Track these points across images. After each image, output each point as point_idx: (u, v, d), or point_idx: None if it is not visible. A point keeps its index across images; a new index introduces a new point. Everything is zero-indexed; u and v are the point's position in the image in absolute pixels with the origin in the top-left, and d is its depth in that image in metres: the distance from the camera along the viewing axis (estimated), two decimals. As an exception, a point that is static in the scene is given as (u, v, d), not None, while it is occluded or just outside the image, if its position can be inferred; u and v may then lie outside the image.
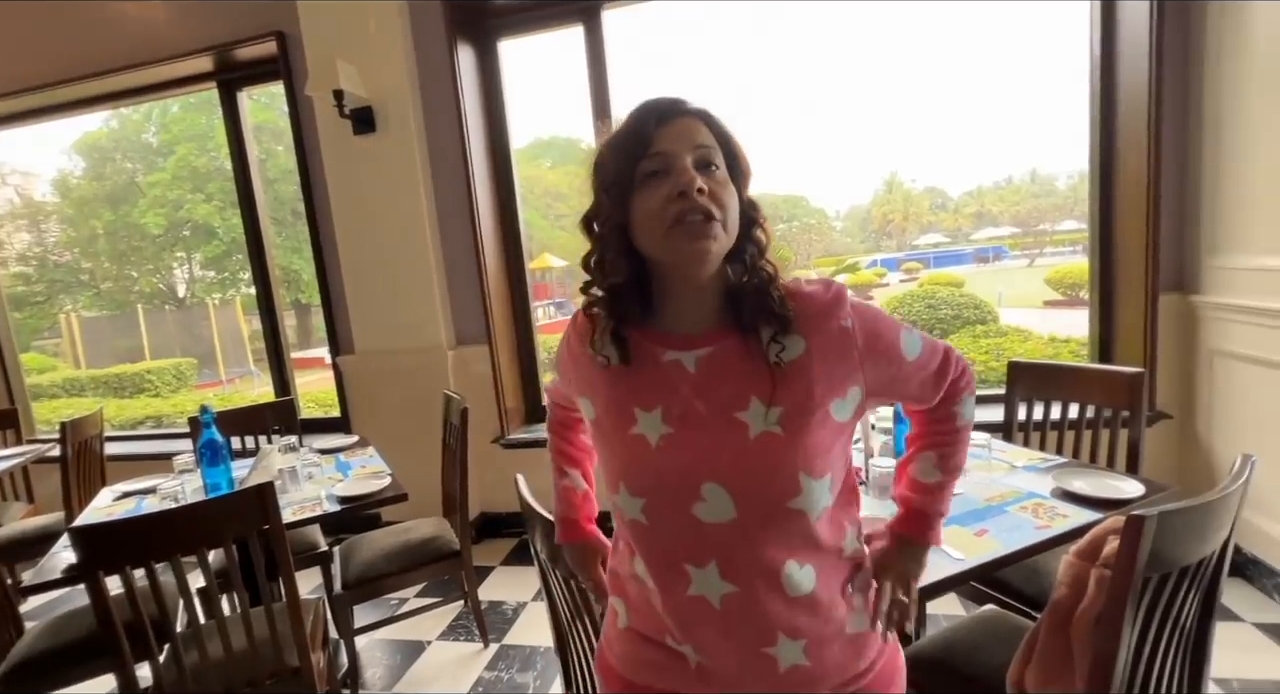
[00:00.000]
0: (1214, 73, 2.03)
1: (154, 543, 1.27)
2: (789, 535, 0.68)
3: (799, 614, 0.69)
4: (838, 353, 0.68)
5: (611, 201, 0.69)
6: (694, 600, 0.68)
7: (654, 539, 0.71)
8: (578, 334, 0.78)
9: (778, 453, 0.66)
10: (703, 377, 0.69)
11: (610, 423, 0.72)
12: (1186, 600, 0.94)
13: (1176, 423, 2.27)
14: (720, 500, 0.66)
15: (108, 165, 13.53)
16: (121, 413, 5.08)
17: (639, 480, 0.70)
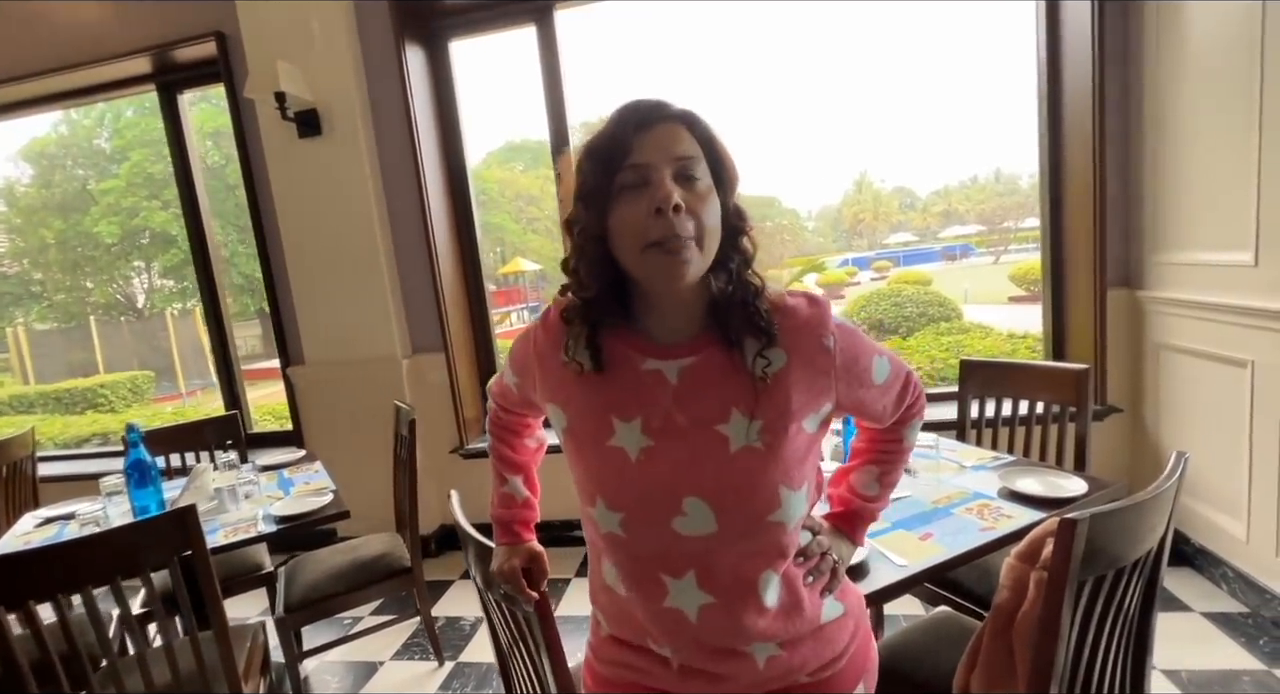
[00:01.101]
0: (1153, 72, 2.07)
1: (62, 575, 1.18)
2: (766, 547, 0.69)
3: (773, 622, 0.71)
4: (817, 369, 0.69)
5: (589, 211, 0.66)
6: (670, 611, 0.69)
7: (631, 551, 0.70)
8: (549, 337, 0.74)
9: (759, 468, 0.66)
10: (684, 388, 0.68)
11: (586, 433, 0.70)
12: (1126, 596, 0.94)
13: (1127, 416, 2.31)
14: (701, 514, 0.66)
15: (57, 172, 13.05)
16: (67, 430, 4.86)
17: (618, 495, 0.69)
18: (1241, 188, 1.74)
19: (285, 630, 1.78)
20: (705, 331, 0.70)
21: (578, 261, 0.69)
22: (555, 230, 2.69)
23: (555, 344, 0.72)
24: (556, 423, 0.75)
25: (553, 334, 0.74)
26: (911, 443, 0.87)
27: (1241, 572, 1.89)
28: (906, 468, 1.43)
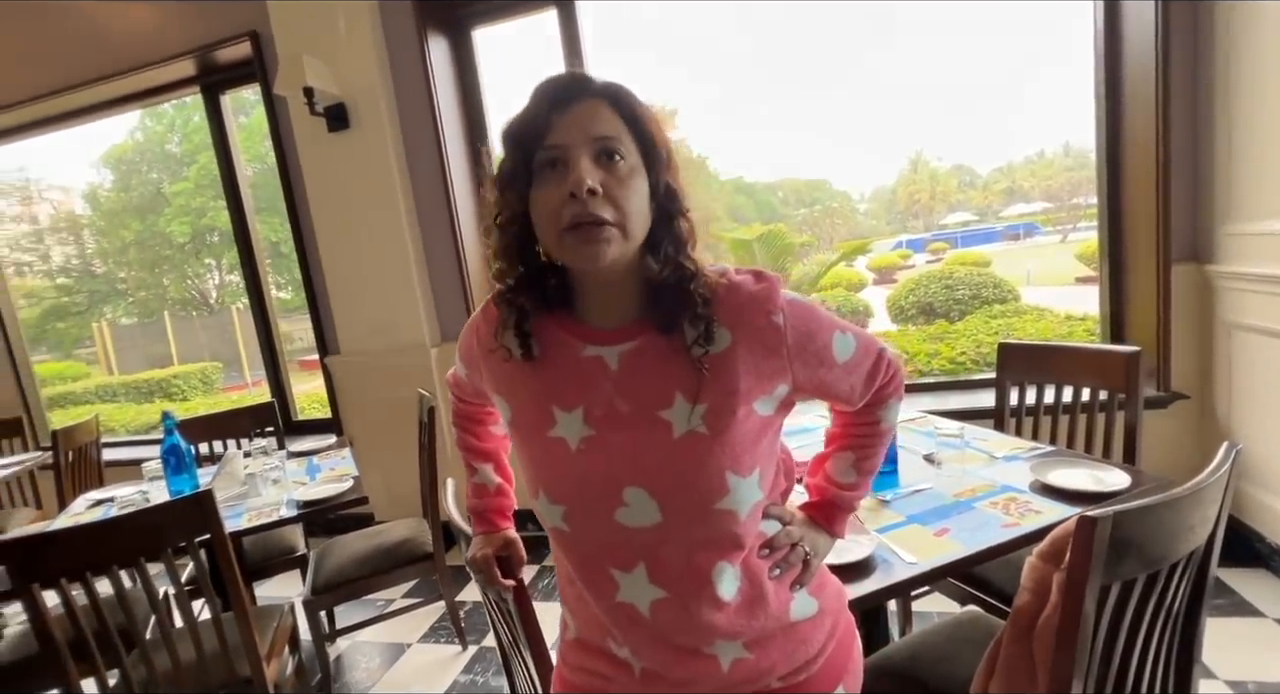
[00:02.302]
0: (1225, 28, 1.86)
1: (88, 555, 1.24)
2: (718, 537, 0.65)
3: (733, 618, 0.67)
4: (766, 348, 0.64)
5: (508, 194, 0.65)
6: (623, 606, 0.66)
7: (577, 545, 0.68)
8: (488, 325, 0.72)
9: (703, 453, 0.63)
10: (625, 373, 0.65)
11: (528, 423, 0.68)
12: (1167, 599, 0.84)
13: (1194, 403, 2.11)
14: (643, 505, 0.63)
15: (134, 176, 13.93)
16: (139, 417, 5.20)
17: (559, 487, 0.67)
18: (1328, 146, 1.55)
19: (312, 611, 1.84)
20: (644, 315, 0.67)
21: (499, 246, 0.67)
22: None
23: (495, 333, 0.70)
24: (503, 414, 0.73)
25: (491, 322, 0.71)
26: (890, 424, 0.81)
27: (1324, 575, 1.70)
28: (930, 457, 1.35)
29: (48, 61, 3.17)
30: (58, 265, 14.07)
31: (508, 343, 0.68)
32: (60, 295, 13.29)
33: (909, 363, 3.22)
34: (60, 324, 13.10)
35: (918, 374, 3.14)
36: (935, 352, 3.24)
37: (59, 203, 14.69)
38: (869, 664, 1.18)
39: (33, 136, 3.66)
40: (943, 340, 3.41)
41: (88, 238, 14.63)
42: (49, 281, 13.53)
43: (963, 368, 3.10)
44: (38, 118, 3.46)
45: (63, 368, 10.12)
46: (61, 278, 13.71)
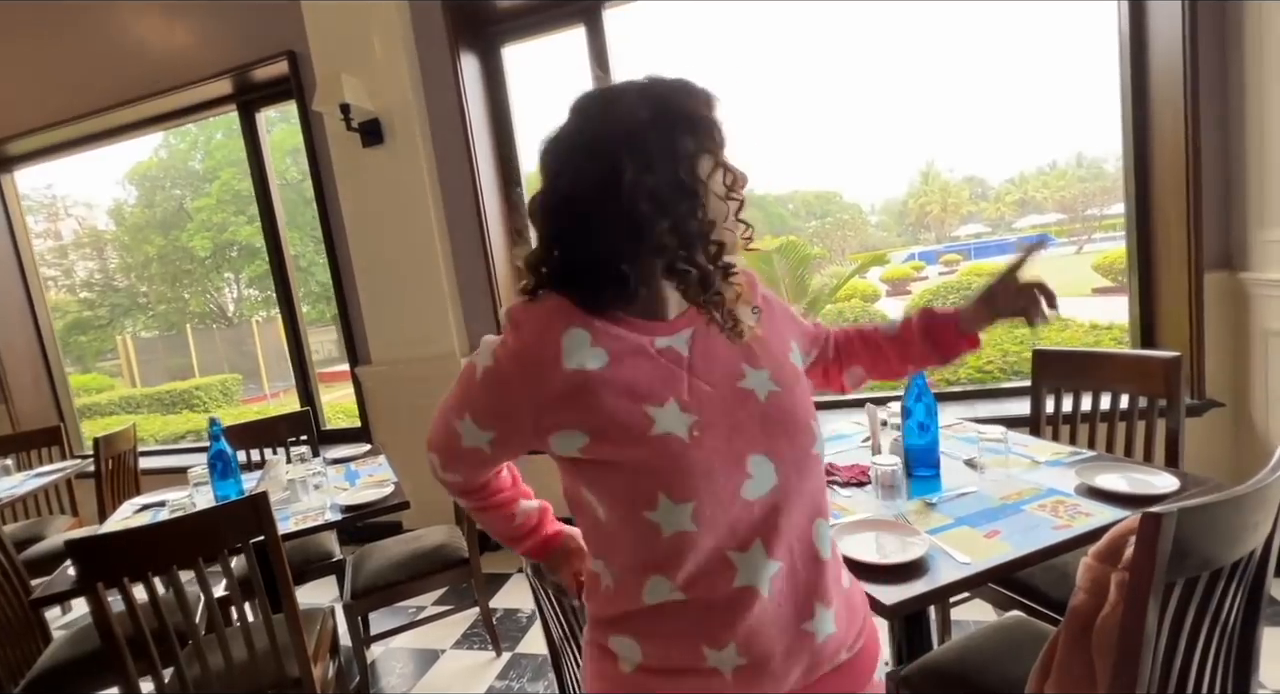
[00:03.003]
0: (1255, 28, 1.87)
1: (150, 555, 1.28)
2: (816, 488, 0.70)
3: (826, 576, 0.70)
4: (769, 318, 0.76)
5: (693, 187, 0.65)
6: (738, 593, 0.65)
7: (701, 541, 0.63)
8: (536, 352, 0.64)
9: (789, 407, 0.69)
10: (697, 357, 0.69)
11: (620, 436, 0.63)
12: (1225, 604, 0.85)
13: (1229, 412, 2.10)
14: (764, 471, 0.66)
15: (158, 193, 14.26)
16: (165, 428, 5.28)
17: (684, 483, 0.62)
18: (1364, 153, 1.55)
19: (352, 616, 1.86)
20: (690, 305, 0.71)
21: (601, 243, 0.65)
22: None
23: (547, 360, 0.64)
24: (568, 447, 0.65)
25: (538, 349, 0.65)
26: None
27: (1371, 584, 1.68)
28: (971, 462, 1.37)
29: (87, 83, 3.29)
30: (81, 280, 14.38)
31: (581, 360, 0.63)
32: (83, 309, 13.57)
33: (934, 372, 3.22)
34: (83, 337, 13.36)
35: (945, 383, 3.14)
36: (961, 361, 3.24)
37: (83, 219, 15.05)
38: (915, 668, 1.19)
39: (67, 155, 3.78)
40: (967, 349, 3.40)
41: (111, 253, 14.95)
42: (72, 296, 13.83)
43: (990, 376, 3.10)
44: (74, 137, 3.58)
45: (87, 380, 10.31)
46: (84, 292, 14.01)
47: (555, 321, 0.65)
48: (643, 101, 0.64)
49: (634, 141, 0.62)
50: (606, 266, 0.64)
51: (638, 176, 0.61)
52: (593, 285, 0.65)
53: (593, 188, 0.63)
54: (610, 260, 0.64)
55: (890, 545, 1.05)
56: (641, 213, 0.62)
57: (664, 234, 0.63)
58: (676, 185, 0.62)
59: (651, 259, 0.65)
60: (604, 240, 0.64)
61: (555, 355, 0.64)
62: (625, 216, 0.62)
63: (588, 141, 0.64)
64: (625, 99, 0.64)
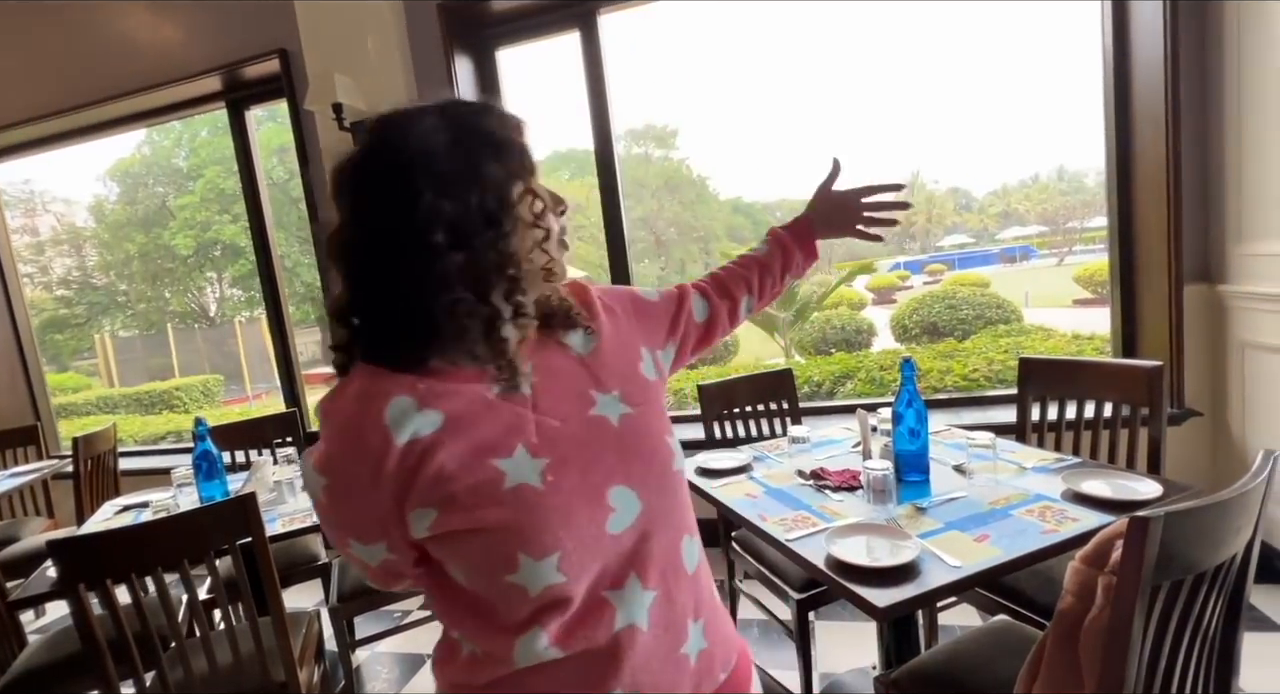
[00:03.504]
0: (1234, 47, 1.93)
1: (134, 556, 1.26)
2: (679, 506, 0.68)
3: (696, 592, 0.68)
4: (614, 327, 0.72)
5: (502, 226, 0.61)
6: (622, 635, 0.61)
7: (573, 588, 0.59)
8: (373, 438, 0.56)
9: (643, 428, 0.67)
10: (541, 393, 0.63)
11: (472, 500, 0.57)
12: (1207, 609, 0.87)
13: (1207, 420, 2.15)
14: (627, 501, 0.62)
15: (140, 190, 14.05)
16: (145, 428, 5.19)
17: (542, 536, 0.57)
18: (1337, 171, 1.61)
19: (338, 619, 1.84)
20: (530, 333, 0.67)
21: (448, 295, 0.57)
22: (600, 237, 2.75)
23: (374, 446, 0.56)
24: (419, 528, 0.58)
25: (359, 438, 0.57)
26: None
27: (1343, 590, 1.72)
28: (959, 467, 1.39)
29: (70, 78, 3.24)
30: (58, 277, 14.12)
31: (414, 429, 0.57)
32: (59, 307, 13.32)
33: (922, 379, 3.25)
34: (59, 336, 13.11)
35: (932, 390, 3.18)
36: (948, 369, 3.29)
37: (62, 215, 14.79)
38: (904, 672, 1.20)
39: (47, 150, 3.71)
40: (953, 357, 3.46)
41: (89, 250, 14.70)
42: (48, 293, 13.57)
43: (975, 385, 3.14)
44: (54, 132, 3.53)
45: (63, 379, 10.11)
46: (61, 289, 13.76)
47: (370, 401, 0.57)
48: (442, 123, 0.59)
49: (432, 165, 0.57)
50: (414, 311, 0.57)
51: (435, 203, 0.56)
52: (405, 338, 0.58)
53: (389, 218, 0.57)
54: (417, 302, 0.57)
55: (881, 549, 1.07)
56: (436, 243, 0.56)
57: (455, 268, 0.57)
58: (480, 213, 0.57)
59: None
60: (405, 278, 0.57)
61: (383, 436, 0.56)
62: (423, 249, 0.56)
63: (382, 167, 0.58)
64: (424, 121, 0.59)
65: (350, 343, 0.60)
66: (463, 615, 0.63)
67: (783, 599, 1.59)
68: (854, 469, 1.43)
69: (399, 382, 0.58)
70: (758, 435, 2.04)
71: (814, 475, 1.44)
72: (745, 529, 1.33)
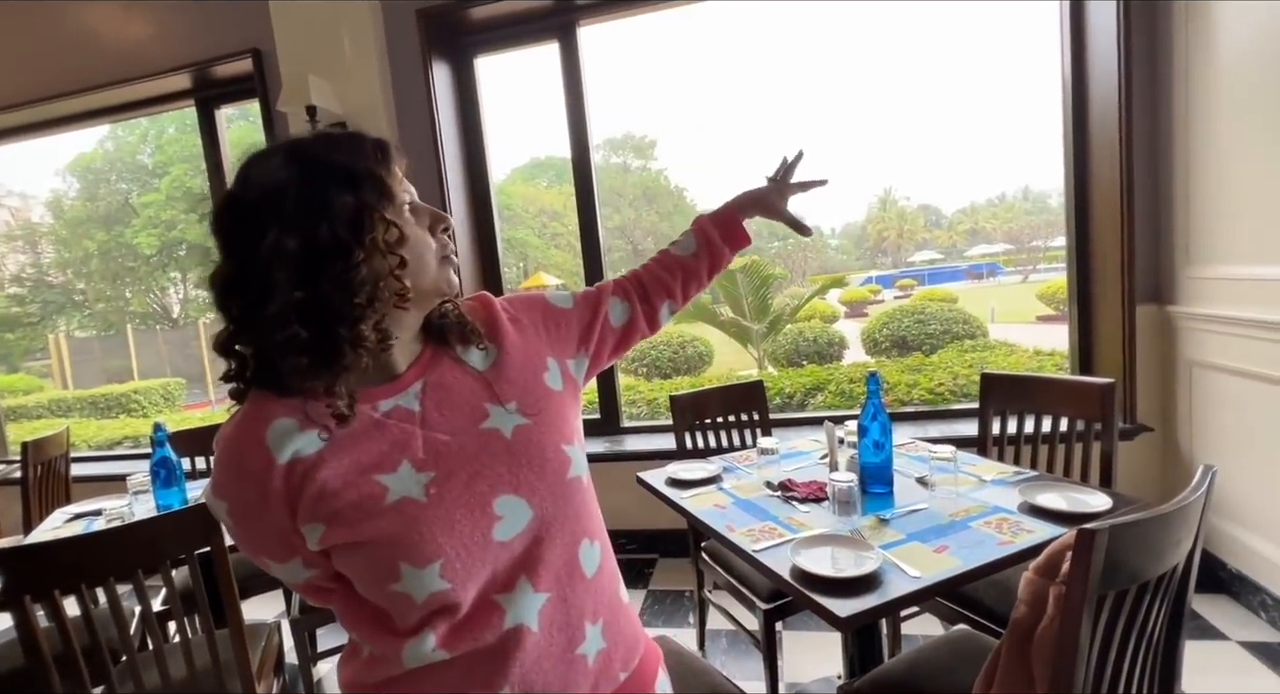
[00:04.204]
0: (1183, 84, 2.04)
1: (84, 567, 1.21)
2: (579, 513, 0.70)
3: (595, 594, 0.70)
4: (520, 338, 0.75)
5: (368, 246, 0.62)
6: (510, 634, 0.63)
7: (461, 592, 0.61)
8: (256, 459, 0.59)
9: (539, 438, 0.68)
10: (431, 409, 0.66)
11: (355, 515, 0.60)
12: (1151, 616, 0.90)
13: (1158, 436, 2.23)
14: (516, 509, 0.65)
15: (101, 186, 13.62)
16: (100, 433, 5.01)
17: (426, 545, 0.60)
18: (1277, 198, 1.70)
19: (299, 631, 1.80)
20: (425, 350, 0.70)
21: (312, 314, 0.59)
22: (578, 245, 2.75)
23: (259, 467, 0.60)
24: (312, 542, 0.61)
25: (243, 461, 0.60)
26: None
27: (1281, 599, 1.80)
28: (922, 480, 1.42)
29: (31, 69, 3.14)
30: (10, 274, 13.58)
31: (296, 448, 0.60)
32: (11, 305, 12.80)
33: (890, 392, 3.32)
34: (9, 335, 12.60)
35: (898, 403, 3.24)
36: (914, 382, 3.36)
37: (17, 210, 14.25)
38: (866, 681, 1.22)
39: (4, 144, 3.59)
40: (920, 371, 3.54)
41: (46, 247, 14.18)
42: (-1, 291, 13.04)
43: (941, 399, 3.22)
44: (11, 125, 3.41)
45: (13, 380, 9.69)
46: (14, 287, 13.23)
47: (253, 423, 0.61)
48: (290, 159, 0.61)
49: (277, 203, 0.59)
50: (263, 347, 0.60)
51: (279, 239, 0.58)
52: (290, 359, 0.59)
53: (239, 256, 0.60)
54: (262, 338, 0.60)
55: (844, 560, 1.09)
56: (277, 281, 0.58)
57: (293, 304, 0.58)
58: (327, 246, 0.58)
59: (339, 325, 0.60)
60: (247, 315, 0.60)
61: (264, 456, 0.60)
62: (266, 287, 0.58)
63: (235, 207, 0.61)
64: (273, 159, 0.61)
65: (240, 372, 0.63)
66: (361, 620, 0.65)
67: (750, 610, 1.60)
68: (821, 481, 1.45)
69: (285, 405, 0.61)
70: (729, 446, 2.06)
71: (782, 487, 1.46)
72: (713, 540, 1.34)
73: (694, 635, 2.05)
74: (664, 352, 5.90)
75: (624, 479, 1.79)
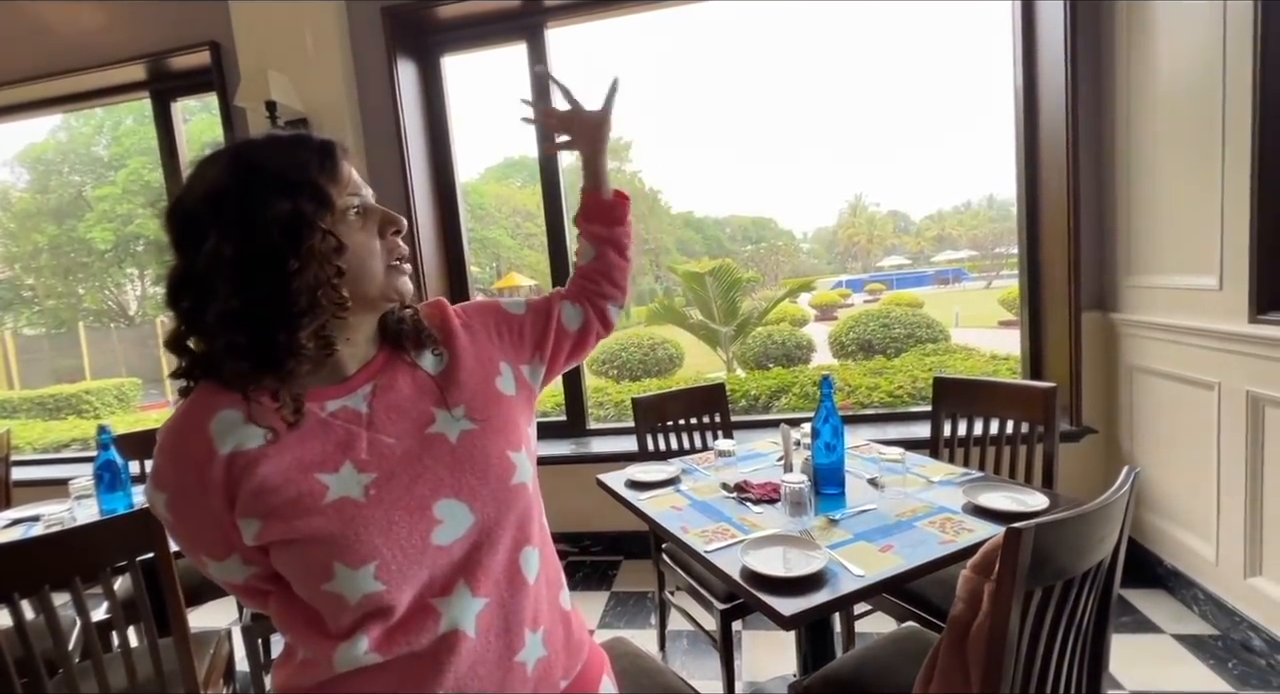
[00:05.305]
0: (1125, 91, 2.13)
1: (17, 575, 1.17)
2: (521, 520, 0.70)
3: (534, 601, 0.70)
4: (472, 344, 0.76)
5: (311, 242, 0.62)
6: (445, 638, 0.63)
7: (395, 595, 0.61)
8: (197, 447, 0.60)
9: (484, 443, 0.69)
10: (378, 411, 0.67)
11: (292, 511, 0.59)
12: (1079, 610, 0.95)
13: (1102, 438, 2.32)
14: (457, 513, 0.65)
15: (53, 178, 13.11)
16: (46, 435, 4.81)
17: (361, 546, 0.59)
18: (1206, 211, 1.79)
19: (251, 638, 1.76)
20: (379, 353, 0.71)
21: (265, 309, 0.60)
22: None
23: (199, 456, 0.60)
24: (248, 536, 0.61)
25: (183, 448, 0.61)
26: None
27: (1212, 593, 1.89)
28: (874, 481, 1.45)
29: (-21, 55, 3.02)
30: (-46, 269, 12.98)
31: (238, 441, 0.60)
32: (-46, 301, 12.23)
33: (851, 395, 3.39)
34: (-49, 332, 12.01)
35: (859, 405, 3.31)
36: (875, 385, 3.44)
37: (-39, 202, 13.60)
38: (816, 678, 1.25)
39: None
40: (882, 375, 3.62)
41: (-8, 240, 13.58)
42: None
43: (900, 401, 3.30)
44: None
45: (-46, 380, 9.23)
46: (-43, 282, 12.64)
47: (198, 412, 0.61)
48: (231, 164, 0.61)
49: (217, 209, 0.59)
50: (228, 346, 0.60)
51: (217, 246, 0.58)
52: (230, 363, 0.60)
53: (182, 260, 0.61)
54: (208, 341, 0.61)
55: (793, 560, 1.11)
56: (216, 287, 0.59)
57: (231, 311, 0.59)
58: (263, 254, 0.59)
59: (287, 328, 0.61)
60: (191, 319, 0.61)
61: (205, 445, 0.60)
62: (206, 294, 0.59)
63: (183, 210, 0.61)
64: (217, 163, 0.62)
65: (190, 370, 0.64)
66: (295, 622, 0.65)
67: (708, 610, 1.62)
68: (775, 482, 1.48)
69: (232, 397, 0.62)
70: (691, 448, 2.08)
71: (738, 488, 1.48)
72: (669, 541, 1.36)
73: (655, 636, 2.07)
74: (634, 354, 5.92)
75: (588, 481, 1.80)
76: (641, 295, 13.48)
